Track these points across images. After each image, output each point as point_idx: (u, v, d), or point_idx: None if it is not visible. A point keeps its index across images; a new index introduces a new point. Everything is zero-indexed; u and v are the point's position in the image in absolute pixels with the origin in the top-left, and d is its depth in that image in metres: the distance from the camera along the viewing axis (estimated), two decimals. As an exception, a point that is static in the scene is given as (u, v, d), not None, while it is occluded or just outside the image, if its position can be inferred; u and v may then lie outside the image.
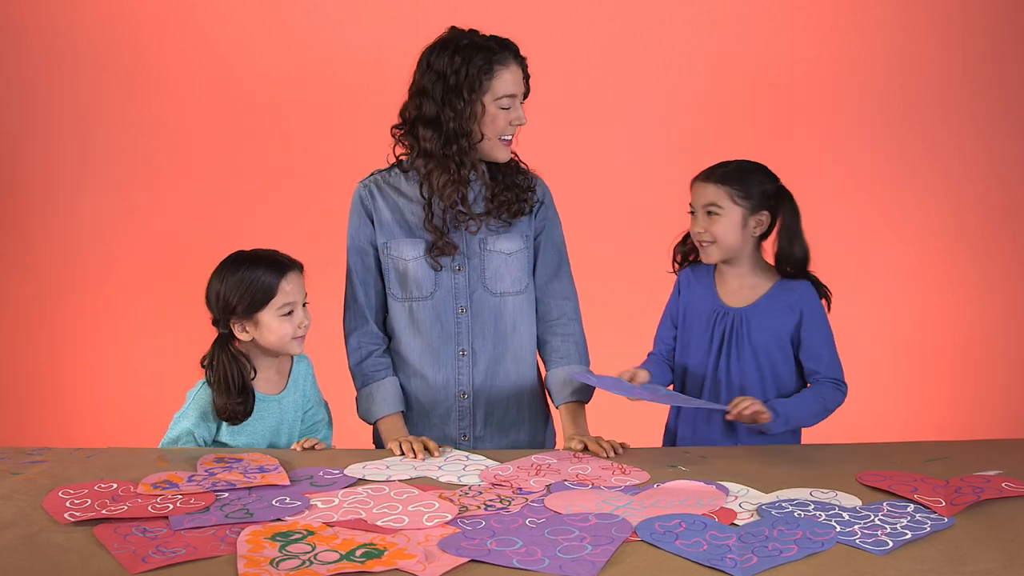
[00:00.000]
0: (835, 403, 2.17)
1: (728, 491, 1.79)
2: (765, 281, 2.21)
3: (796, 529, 1.58)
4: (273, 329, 2.08)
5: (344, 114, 3.64)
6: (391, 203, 2.19)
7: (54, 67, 3.67)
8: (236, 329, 2.09)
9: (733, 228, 2.16)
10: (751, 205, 2.16)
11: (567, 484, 1.84)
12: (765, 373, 2.19)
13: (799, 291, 2.17)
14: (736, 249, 2.19)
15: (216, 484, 1.79)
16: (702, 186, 2.18)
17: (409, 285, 2.18)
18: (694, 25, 3.66)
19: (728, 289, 2.24)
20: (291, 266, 2.11)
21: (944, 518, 1.63)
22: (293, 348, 2.12)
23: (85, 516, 1.63)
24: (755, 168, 2.19)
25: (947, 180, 3.70)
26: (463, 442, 2.23)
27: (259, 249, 2.13)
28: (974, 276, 3.74)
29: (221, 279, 2.08)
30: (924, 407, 3.77)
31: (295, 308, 2.10)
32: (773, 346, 2.18)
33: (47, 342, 3.79)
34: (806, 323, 2.17)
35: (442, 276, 2.18)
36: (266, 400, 2.14)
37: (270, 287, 2.07)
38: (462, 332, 2.19)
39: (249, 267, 2.07)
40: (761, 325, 2.18)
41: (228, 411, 2.05)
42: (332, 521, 1.62)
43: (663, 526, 1.60)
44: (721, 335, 2.21)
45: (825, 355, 2.18)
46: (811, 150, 3.67)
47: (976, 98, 3.67)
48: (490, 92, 2.08)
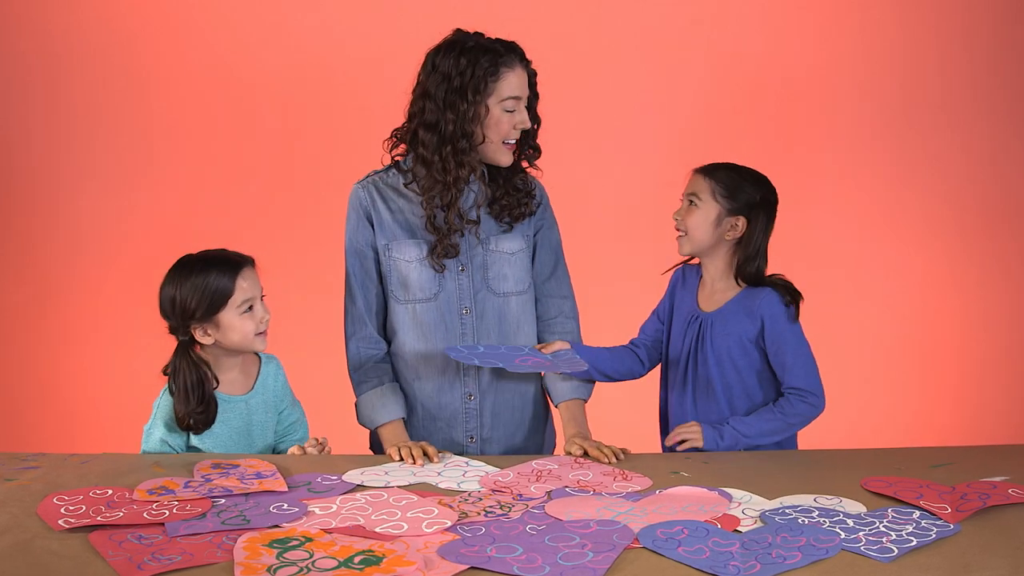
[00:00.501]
0: (799, 416, 2.12)
1: (731, 497, 1.78)
2: (734, 287, 2.21)
3: (800, 536, 1.57)
4: (236, 328, 2.07)
5: (345, 114, 3.64)
6: (391, 204, 2.18)
7: (53, 67, 3.67)
8: (197, 333, 2.07)
9: (705, 222, 2.16)
10: (730, 207, 2.16)
11: (568, 490, 1.83)
12: (729, 379, 2.18)
13: (760, 298, 2.15)
14: (705, 245, 2.19)
15: (213, 490, 1.78)
16: (696, 176, 2.21)
17: (412, 287, 2.17)
18: (693, 25, 3.66)
19: (704, 293, 2.25)
20: (244, 262, 2.10)
21: (950, 525, 1.63)
22: (257, 345, 2.11)
23: (80, 523, 1.62)
24: (754, 177, 2.19)
25: (948, 180, 3.70)
26: (470, 444, 2.22)
27: (207, 250, 2.11)
28: (977, 277, 3.74)
29: (175, 286, 2.05)
30: (926, 411, 3.76)
31: (254, 303, 2.09)
32: (736, 351, 2.17)
33: (46, 343, 3.78)
34: (768, 331, 2.15)
35: (445, 277, 2.17)
36: (231, 401, 2.12)
37: (227, 286, 2.05)
38: (467, 334, 2.19)
39: (202, 269, 2.06)
40: (723, 331, 2.18)
41: (188, 420, 2.04)
42: (330, 528, 1.61)
43: (665, 533, 1.59)
44: (693, 338, 2.22)
45: (790, 363, 2.13)
46: (811, 151, 3.67)
47: (978, 98, 3.66)
48: (495, 94, 2.07)
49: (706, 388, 2.20)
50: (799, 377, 2.12)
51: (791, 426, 2.13)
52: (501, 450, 2.23)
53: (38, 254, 3.75)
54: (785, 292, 2.15)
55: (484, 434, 2.23)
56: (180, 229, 3.65)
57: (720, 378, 2.18)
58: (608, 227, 3.61)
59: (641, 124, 3.70)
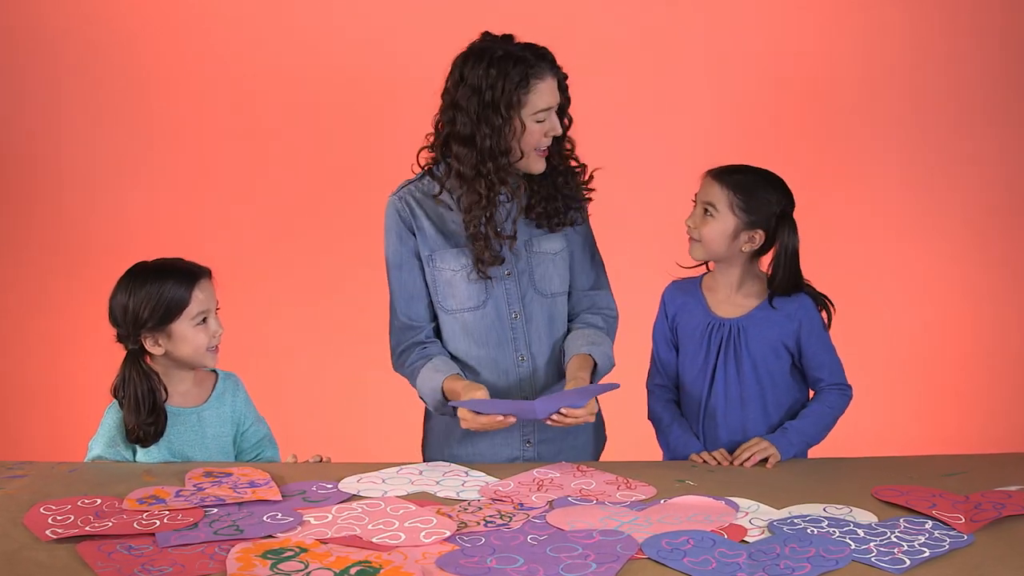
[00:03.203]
0: (842, 410, 2.20)
1: (738, 507, 1.78)
2: (760, 291, 2.21)
3: (809, 546, 1.57)
4: (188, 340, 2.06)
5: (345, 115, 3.64)
6: (431, 214, 2.17)
7: (53, 67, 3.67)
8: (148, 343, 2.05)
9: (722, 235, 2.15)
10: (748, 220, 2.14)
11: (570, 500, 1.83)
12: (764, 383, 2.18)
13: (798, 301, 2.17)
14: (719, 257, 2.19)
15: (205, 499, 1.78)
16: (711, 182, 2.17)
17: (459, 296, 2.17)
18: (704, 25, 3.67)
19: (718, 299, 2.23)
20: (201, 273, 2.09)
21: (964, 535, 1.63)
22: (207, 361, 2.10)
23: (68, 533, 1.62)
24: (770, 184, 2.16)
25: (957, 183, 3.70)
26: (527, 449, 2.22)
27: (163, 259, 2.11)
28: (986, 281, 3.74)
29: (128, 292, 2.04)
30: (934, 417, 3.76)
31: (208, 316, 2.08)
32: (771, 356, 2.18)
33: (33, 348, 3.78)
34: (806, 332, 2.17)
35: (492, 284, 2.17)
36: (182, 413, 2.11)
37: (182, 296, 2.04)
38: (518, 338, 2.19)
39: (158, 277, 2.05)
40: (759, 335, 2.17)
41: (138, 432, 2.03)
42: (326, 538, 1.61)
43: (670, 543, 1.59)
44: (717, 347, 2.20)
45: (827, 362, 2.20)
46: (813, 153, 3.67)
47: (989, 102, 3.66)
48: (528, 107, 2.06)
49: (740, 394, 2.18)
50: (836, 373, 2.20)
51: (836, 420, 2.20)
52: (555, 452, 2.21)
53: (26, 260, 3.75)
54: (819, 296, 2.19)
55: (540, 436, 2.21)
56: (173, 235, 3.65)
57: (755, 382, 2.18)
58: (612, 229, 3.61)
59: (648, 126, 3.70)
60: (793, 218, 2.16)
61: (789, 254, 2.14)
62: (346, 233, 3.51)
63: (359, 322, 3.04)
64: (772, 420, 2.18)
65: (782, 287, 2.16)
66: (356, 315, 3.28)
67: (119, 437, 2.06)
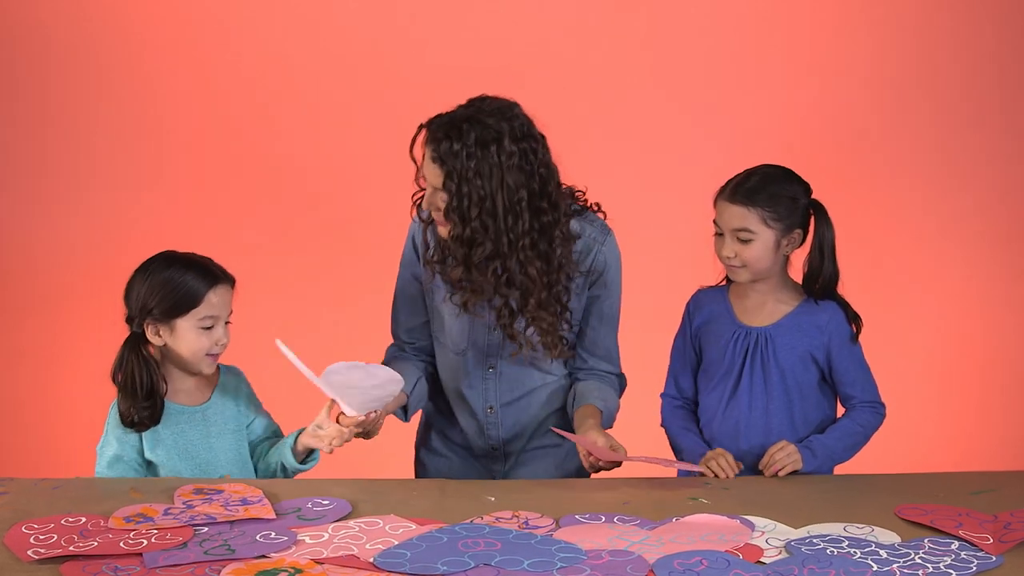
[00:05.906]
0: (874, 428, 2.20)
1: (754, 526, 1.77)
2: (791, 299, 2.20)
3: (829, 568, 1.56)
4: (188, 340, 2.06)
5: (345, 118, 3.65)
6: None
7: (52, 67, 3.69)
8: (149, 331, 2.07)
9: (766, 252, 2.14)
10: (784, 226, 2.13)
11: (578, 518, 1.82)
12: (792, 395, 2.17)
13: (829, 312, 2.17)
14: (768, 273, 2.17)
15: (194, 518, 1.77)
16: (728, 208, 2.13)
17: (448, 332, 2.20)
18: (704, 25, 3.67)
19: (747, 306, 2.22)
20: (223, 278, 2.10)
21: (992, 556, 1.61)
22: (204, 366, 2.10)
23: (51, 553, 1.61)
24: (782, 179, 2.15)
25: (972, 191, 3.69)
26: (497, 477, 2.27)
27: (193, 253, 2.12)
28: (1002, 292, 3.73)
29: (147, 275, 2.07)
30: (961, 434, 3.75)
31: (216, 323, 2.08)
32: (799, 367, 2.17)
33: (14, 361, 3.78)
34: (836, 345, 2.16)
35: (476, 329, 2.16)
36: (185, 412, 2.11)
37: (196, 294, 2.05)
38: (489, 389, 2.21)
39: (179, 268, 2.06)
40: (788, 344, 2.16)
41: (133, 416, 2.04)
42: (321, 558, 1.61)
43: (683, 564, 1.58)
44: (743, 356, 2.19)
45: (860, 378, 2.19)
46: (826, 161, 3.66)
47: (1004, 107, 3.66)
48: None
49: (765, 405, 2.18)
50: (869, 390, 2.20)
51: (867, 439, 2.19)
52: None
53: (8, 271, 3.75)
54: (848, 308, 2.18)
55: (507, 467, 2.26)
56: (174, 235, 3.66)
57: (783, 393, 2.17)
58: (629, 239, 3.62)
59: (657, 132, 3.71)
60: (820, 203, 2.17)
61: (828, 244, 2.15)
62: (349, 235, 3.53)
63: (360, 324, 3.04)
64: (800, 435, 2.17)
65: (822, 279, 2.15)
66: (357, 318, 3.28)
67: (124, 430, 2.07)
